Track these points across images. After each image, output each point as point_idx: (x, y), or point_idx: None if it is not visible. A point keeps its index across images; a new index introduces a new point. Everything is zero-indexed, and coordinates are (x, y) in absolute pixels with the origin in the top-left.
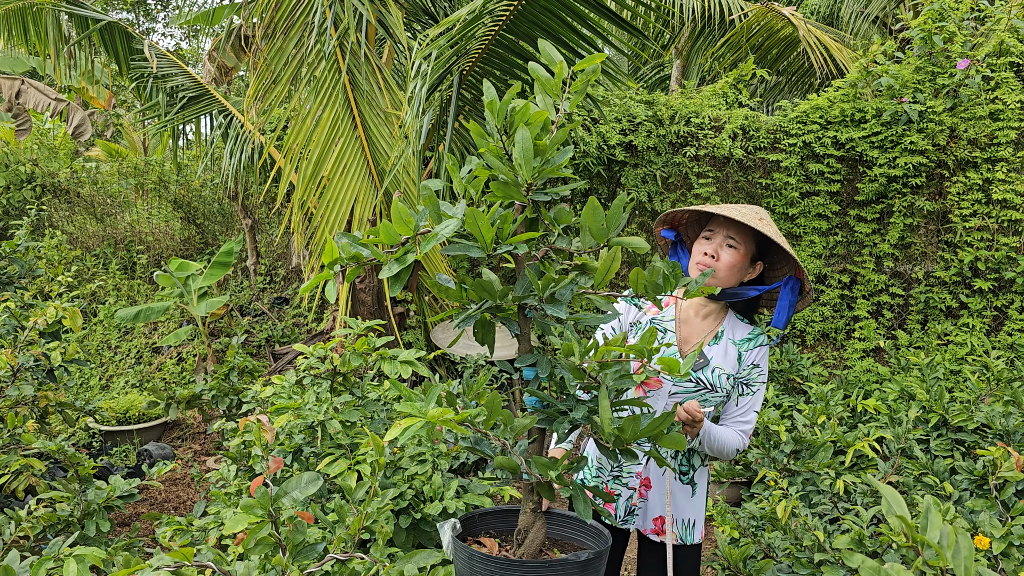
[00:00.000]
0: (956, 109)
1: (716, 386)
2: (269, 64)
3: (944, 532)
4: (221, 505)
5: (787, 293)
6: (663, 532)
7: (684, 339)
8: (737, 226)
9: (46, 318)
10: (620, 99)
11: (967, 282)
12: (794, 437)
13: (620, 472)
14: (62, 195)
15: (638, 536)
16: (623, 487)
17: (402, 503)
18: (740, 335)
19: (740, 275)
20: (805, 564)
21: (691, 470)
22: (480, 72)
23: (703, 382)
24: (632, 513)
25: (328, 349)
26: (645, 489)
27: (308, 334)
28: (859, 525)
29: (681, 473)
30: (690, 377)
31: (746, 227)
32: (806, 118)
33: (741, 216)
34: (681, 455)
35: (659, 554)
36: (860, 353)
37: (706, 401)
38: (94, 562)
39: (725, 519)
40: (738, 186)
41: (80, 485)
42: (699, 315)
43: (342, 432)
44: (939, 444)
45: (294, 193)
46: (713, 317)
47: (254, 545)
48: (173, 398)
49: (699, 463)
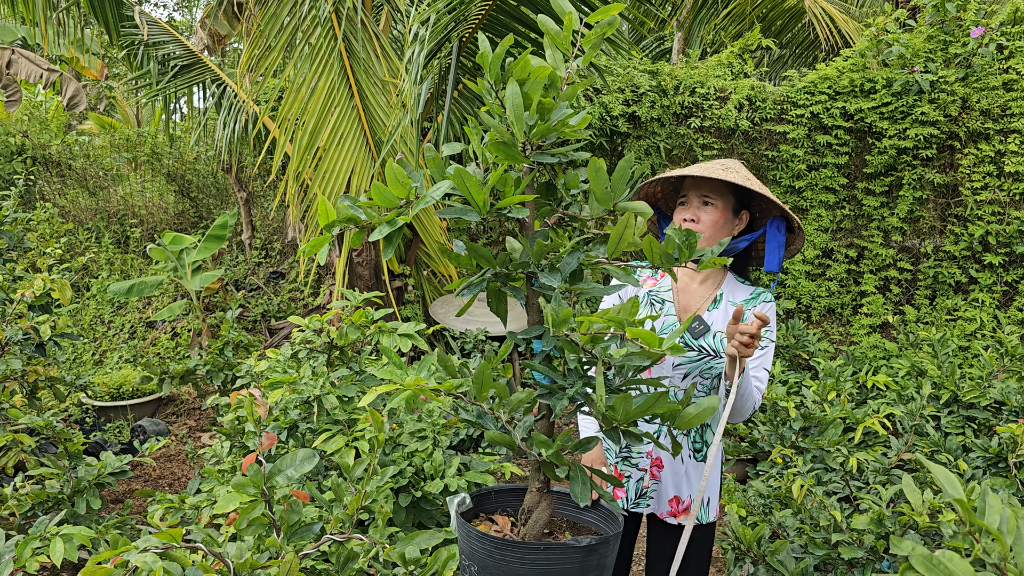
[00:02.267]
0: (968, 79)
1: (720, 351)
2: (263, 31)
3: (1004, 517)
4: (214, 483)
5: (774, 234)
6: (680, 513)
7: (684, 307)
8: (709, 183)
9: (34, 290)
10: (623, 68)
11: (977, 256)
12: (803, 414)
13: (629, 453)
14: (53, 168)
15: (648, 521)
16: (633, 468)
17: (402, 481)
18: (741, 296)
19: (728, 230)
20: (820, 544)
21: (704, 447)
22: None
23: (706, 349)
24: (644, 496)
25: (324, 322)
26: (657, 470)
27: (304, 308)
28: (878, 504)
29: (695, 450)
30: (692, 347)
31: (718, 181)
32: (814, 88)
33: (705, 171)
34: (695, 431)
35: (675, 538)
36: (867, 329)
37: (711, 368)
38: (82, 541)
39: (733, 497)
40: (743, 158)
41: (70, 462)
42: (695, 281)
43: (339, 408)
44: (950, 421)
45: (289, 165)
46: (711, 282)
47: (247, 525)
48: (167, 373)
49: (713, 438)
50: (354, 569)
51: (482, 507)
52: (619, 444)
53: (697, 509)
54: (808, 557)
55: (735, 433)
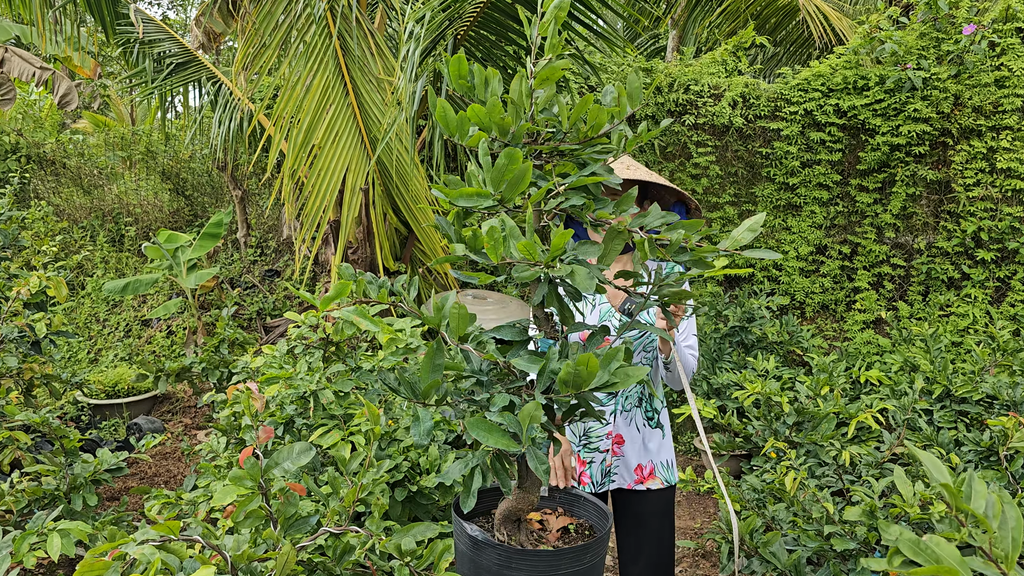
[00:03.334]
0: (961, 76)
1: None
2: (258, 29)
3: (990, 502)
4: (211, 478)
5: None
6: (646, 478)
7: (613, 294)
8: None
9: (29, 288)
10: (618, 66)
11: (969, 253)
12: (796, 408)
13: (588, 439)
14: (48, 167)
15: (612, 497)
16: (594, 452)
17: (397, 475)
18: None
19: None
20: (812, 536)
21: (655, 413)
22: (475, 37)
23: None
24: (608, 475)
25: (320, 317)
26: (618, 446)
27: (300, 306)
28: (870, 496)
29: (648, 419)
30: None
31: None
32: (807, 86)
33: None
34: (645, 401)
35: (643, 501)
36: (860, 325)
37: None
38: (79, 537)
39: (728, 491)
40: (737, 155)
41: (66, 458)
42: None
43: (335, 403)
44: (943, 416)
45: (284, 162)
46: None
47: (244, 518)
48: (162, 371)
49: (660, 406)
50: (350, 561)
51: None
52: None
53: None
54: (800, 549)
55: (729, 428)
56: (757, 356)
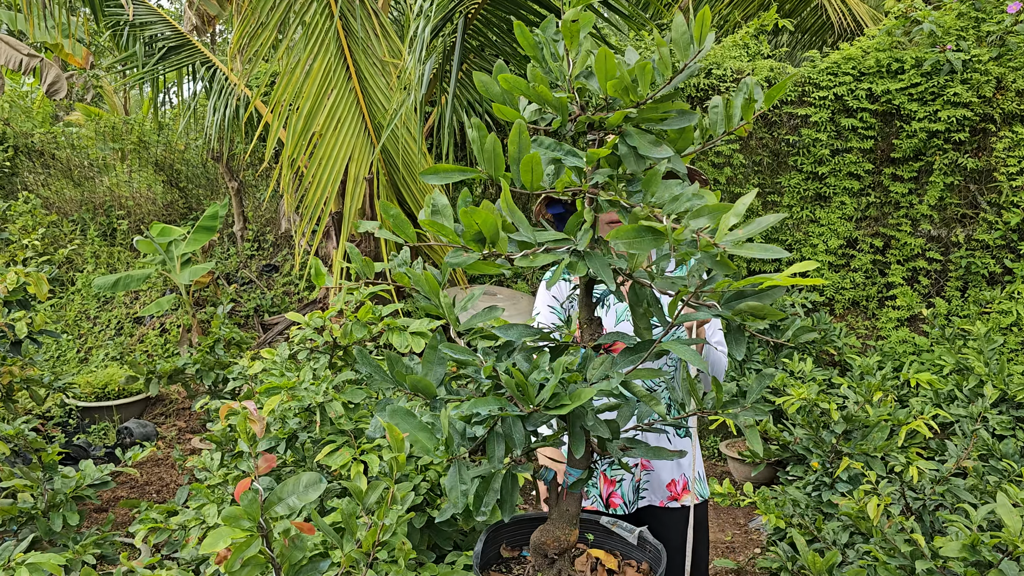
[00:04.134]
0: (1003, 58)
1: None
2: (254, 8)
3: None
4: (203, 500)
5: None
6: (680, 495)
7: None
8: None
9: (6, 284)
10: (636, 49)
11: (1012, 246)
12: (845, 416)
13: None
14: (37, 158)
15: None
16: (622, 469)
17: (416, 499)
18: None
19: None
20: (895, 572)
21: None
22: (486, 16)
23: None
24: (638, 491)
25: (326, 318)
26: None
27: (300, 303)
28: (969, 528)
29: (677, 428)
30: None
31: None
32: (837, 69)
33: None
34: (674, 408)
35: (679, 523)
36: (895, 323)
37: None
38: (52, 570)
39: (768, 506)
40: (762, 143)
41: (44, 473)
42: None
43: (344, 416)
44: (1000, 421)
45: (283, 151)
46: None
47: (240, 567)
48: (154, 372)
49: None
50: None
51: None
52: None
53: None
54: None
55: (765, 434)
56: (792, 357)
